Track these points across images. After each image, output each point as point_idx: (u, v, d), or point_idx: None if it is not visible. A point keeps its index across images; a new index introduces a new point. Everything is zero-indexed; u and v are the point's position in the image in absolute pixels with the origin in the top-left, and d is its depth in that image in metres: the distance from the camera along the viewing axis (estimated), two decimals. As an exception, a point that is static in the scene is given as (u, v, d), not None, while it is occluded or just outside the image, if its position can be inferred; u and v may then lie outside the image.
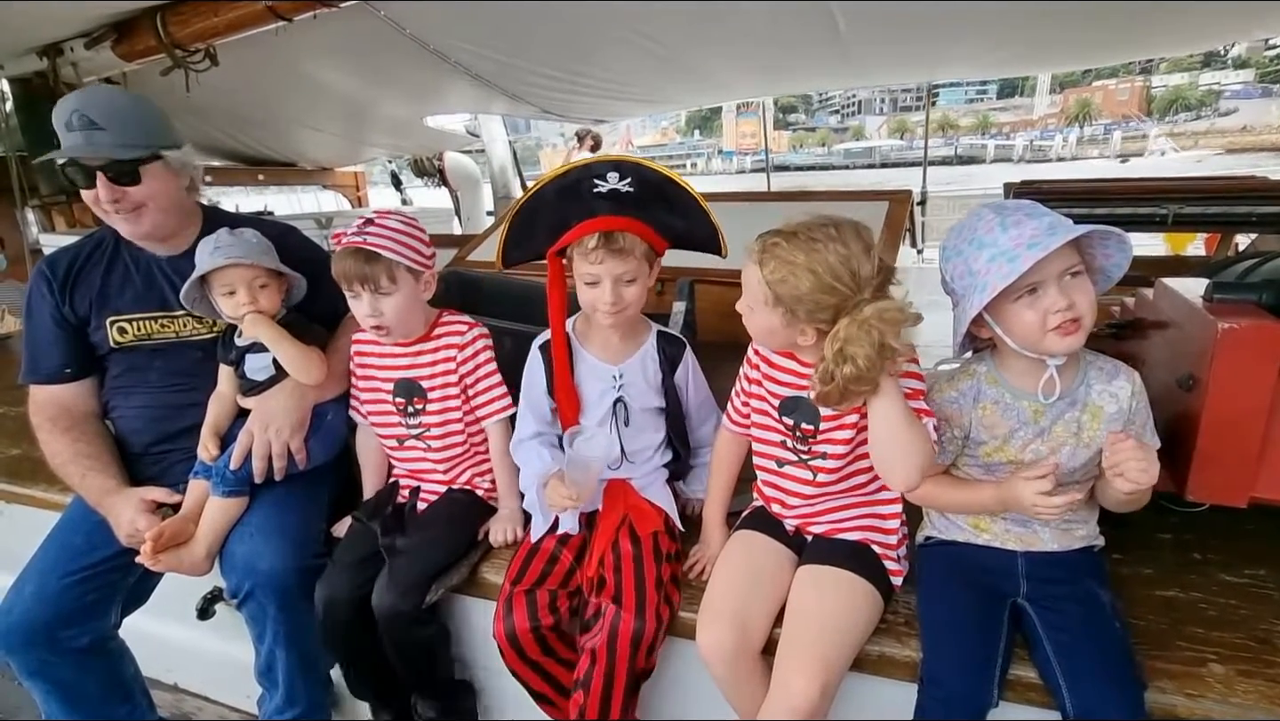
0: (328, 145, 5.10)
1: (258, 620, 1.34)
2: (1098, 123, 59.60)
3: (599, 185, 1.17)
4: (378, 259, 1.23)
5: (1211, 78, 62.32)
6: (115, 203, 1.38)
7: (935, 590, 1.12)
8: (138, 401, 1.48)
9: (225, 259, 1.35)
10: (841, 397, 0.97)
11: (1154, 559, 1.24)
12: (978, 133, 65.93)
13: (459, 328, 1.38)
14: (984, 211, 1.01)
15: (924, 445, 1.01)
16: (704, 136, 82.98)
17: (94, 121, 1.34)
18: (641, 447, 1.33)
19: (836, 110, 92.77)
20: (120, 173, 1.37)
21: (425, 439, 1.37)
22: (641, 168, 1.20)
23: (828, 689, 0.99)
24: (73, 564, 1.37)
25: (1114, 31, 3.00)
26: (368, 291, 1.26)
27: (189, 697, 1.84)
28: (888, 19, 2.85)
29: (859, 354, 0.93)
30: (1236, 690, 0.95)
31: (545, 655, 1.19)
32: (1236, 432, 1.08)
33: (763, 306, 1.05)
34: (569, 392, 1.27)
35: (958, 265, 1.03)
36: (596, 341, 1.31)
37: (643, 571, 1.17)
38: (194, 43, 2.64)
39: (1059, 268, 0.95)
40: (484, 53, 3.37)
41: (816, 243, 0.98)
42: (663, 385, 1.30)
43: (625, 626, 1.10)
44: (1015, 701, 1.00)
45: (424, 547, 1.28)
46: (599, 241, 1.15)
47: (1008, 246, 0.95)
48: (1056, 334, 0.96)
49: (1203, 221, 2.67)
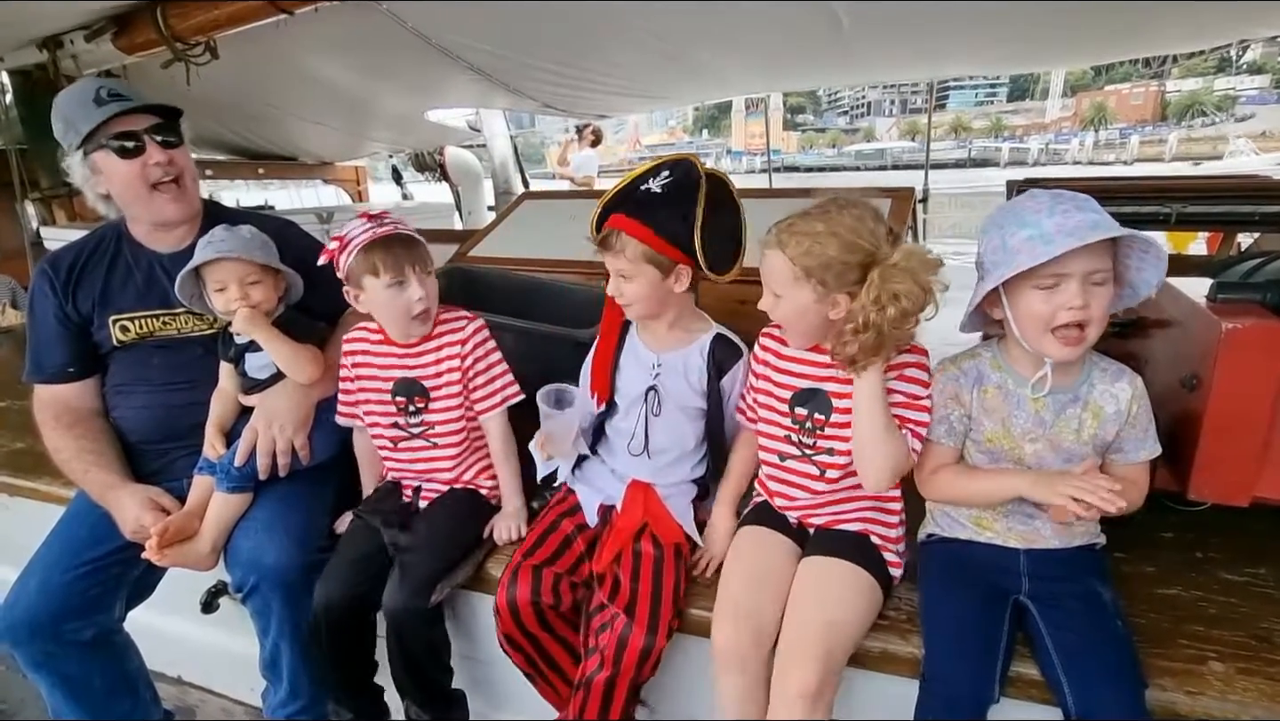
0: (328, 139, 5.08)
1: (262, 614, 1.35)
2: (1113, 127, 59.00)
3: (645, 184, 1.20)
4: (417, 242, 1.26)
5: (1226, 83, 61.63)
6: (168, 165, 1.40)
7: (937, 587, 1.12)
8: (139, 398, 1.48)
9: (215, 253, 1.35)
10: (877, 346, 1.00)
11: (1155, 557, 1.24)
12: (990, 135, 65.35)
13: (459, 323, 1.37)
14: (1039, 194, 1.02)
15: (899, 449, 1.06)
16: (712, 136, 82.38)
17: (123, 95, 1.39)
18: (669, 445, 1.31)
19: (845, 111, 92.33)
20: (167, 132, 1.42)
21: (429, 436, 1.37)
22: (690, 166, 1.21)
23: (830, 676, 1.00)
24: (77, 557, 1.37)
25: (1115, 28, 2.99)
26: (416, 274, 1.26)
27: (193, 690, 1.85)
28: (890, 15, 2.84)
29: (902, 290, 0.97)
30: (1236, 688, 0.96)
31: (542, 629, 1.19)
32: (1239, 432, 1.09)
33: (792, 287, 1.07)
34: (602, 367, 1.33)
35: (995, 238, 1.02)
36: (648, 330, 1.33)
37: (661, 581, 1.17)
38: (194, 36, 2.62)
39: (1088, 268, 0.95)
40: (486, 47, 3.35)
41: (829, 212, 1.05)
42: (706, 387, 1.29)
43: (635, 641, 1.11)
44: (1016, 698, 1.01)
45: (433, 545, 1.28)
46: (600, 237, 1.22)
47: (1049, 230, 0.95)
48: (1056, 338, 0.97)
49: (1206, 221, 2.66)
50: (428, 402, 1.36)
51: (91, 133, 1.37)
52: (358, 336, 1.40)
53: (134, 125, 1.39)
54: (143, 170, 1.39)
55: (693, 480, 1.35)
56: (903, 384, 1.10)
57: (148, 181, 1.40)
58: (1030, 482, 1.03)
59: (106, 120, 1.36)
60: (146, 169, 1.39)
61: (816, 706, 0.99)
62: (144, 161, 1.39)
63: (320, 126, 4.67)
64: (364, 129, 5.04)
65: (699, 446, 1.34)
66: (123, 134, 1.38)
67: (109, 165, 1.39)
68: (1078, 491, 0.95)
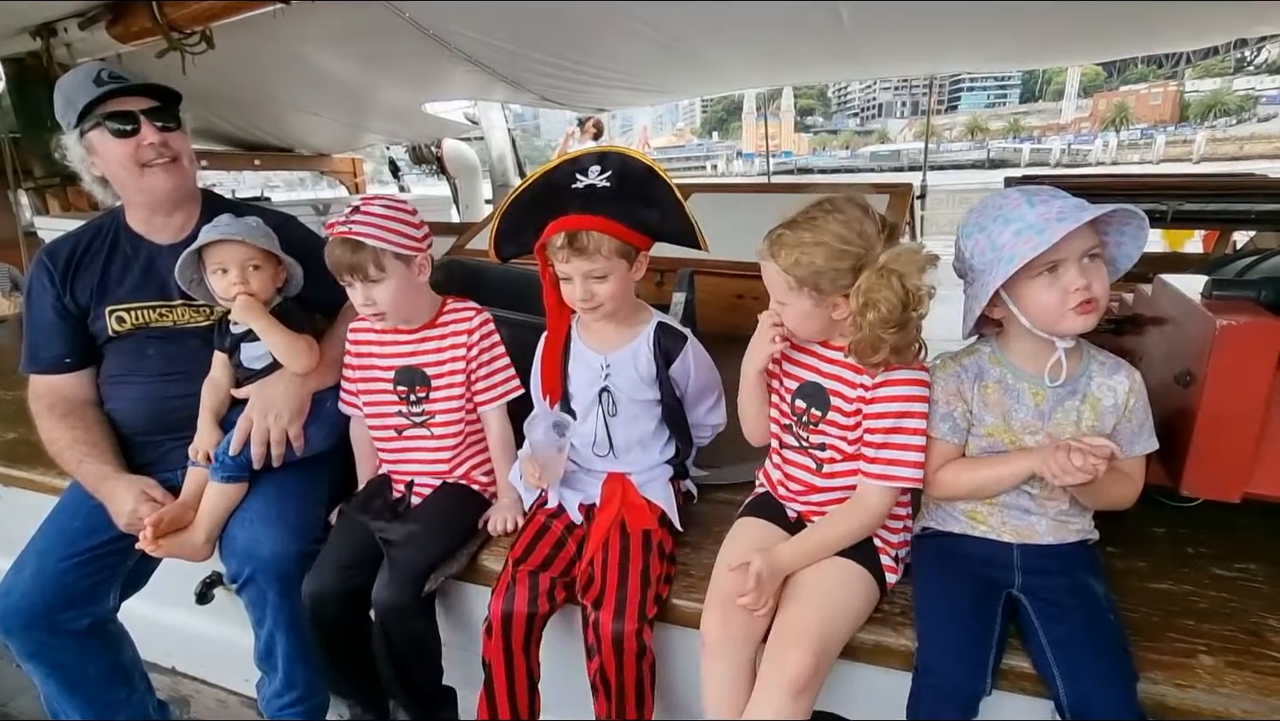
0: (325, 131, 5.06)
1: (257, 605, 1.35)
2: (1134, 127, 58.37)
3: (578, 180, 1.17)
4: (363, 247, 1.23)
5: (1245, 83, 61.16)
6: (162, 146, 1.40)
7: (930, 580, 1.13)
8: (134, 390, 1.48)
9: (219, 234, 1.35)
10: (873, 348, 1.02)
11: (1147, 552, 1.25)
12: (1007, 136, 64.80)
13: (466, 314, 1.37)
14: (1009, 191, 1.02)
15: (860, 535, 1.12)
16: (721, 138, 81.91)
17: (124, 78, 1.39)
18: (633, 440, 1.32)
19: (856, 113, 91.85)
20: (164, 116, 1.41)
21: (429, 425, 1.37)
22: (626, 158, 1.19)
23: (820, 667, 1.00)
24: (72, 547, 1.37)
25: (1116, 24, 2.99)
26: (359, 281, 1.25)
27: (187, 681, 1.85)
28: (890, 9, 2.84)
29: (880, 299, 0.99)
30: (1225, 681, 0.97)
31: (524, 650, 1.18)
32: (1232, 429, 1.09)
33: (790, 295, 1.07)
34: (550, 375, 1.32)
35: (979, 241, 1.03)
36: (592, 331, 1.32)
37: (627, 569, 1.17)
38: (190, 25, 2.61)
39: (1081, 247, 0.96)
40: (484, 39, 3.34)
41: (816, 220, 1.04)
42: (656, 377, 1.29)
43: (605, 630, 1.11)
44: (1008, 690, 1.02)
45: (423, 538, 1.27)
46: (564, 241, 1.17)
47: (1035, 220, 0.96)
48: (1075, 312, 0.97)
49: (1202, 218, 2.67)
50: (429, 391, 1.36)
51: (88, 111, 1.36)
52: (362, 326, 1.40)
53: (130, 106, 1.39)
54: (136, 150, 1.39)
55: (666, 461, 1.35)
56: (894, 405, 1.08)
57: (139, 161, 1.39)
58: (1041, 459, 1.01)
59: (104, 99, 1.36)
60: (140, 149, 1.39)
61: (801, 698, 0.99)
62: (138, 142, 1.39)
63: (317, 117, 4.65)
64: (361, 120, 5.02)
65: (661, 430, 1.34)
66: (119, 113, 1.38)
67: (104, 145, 1.39)
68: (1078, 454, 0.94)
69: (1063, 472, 0.96)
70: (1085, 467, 0.94)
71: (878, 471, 1.08)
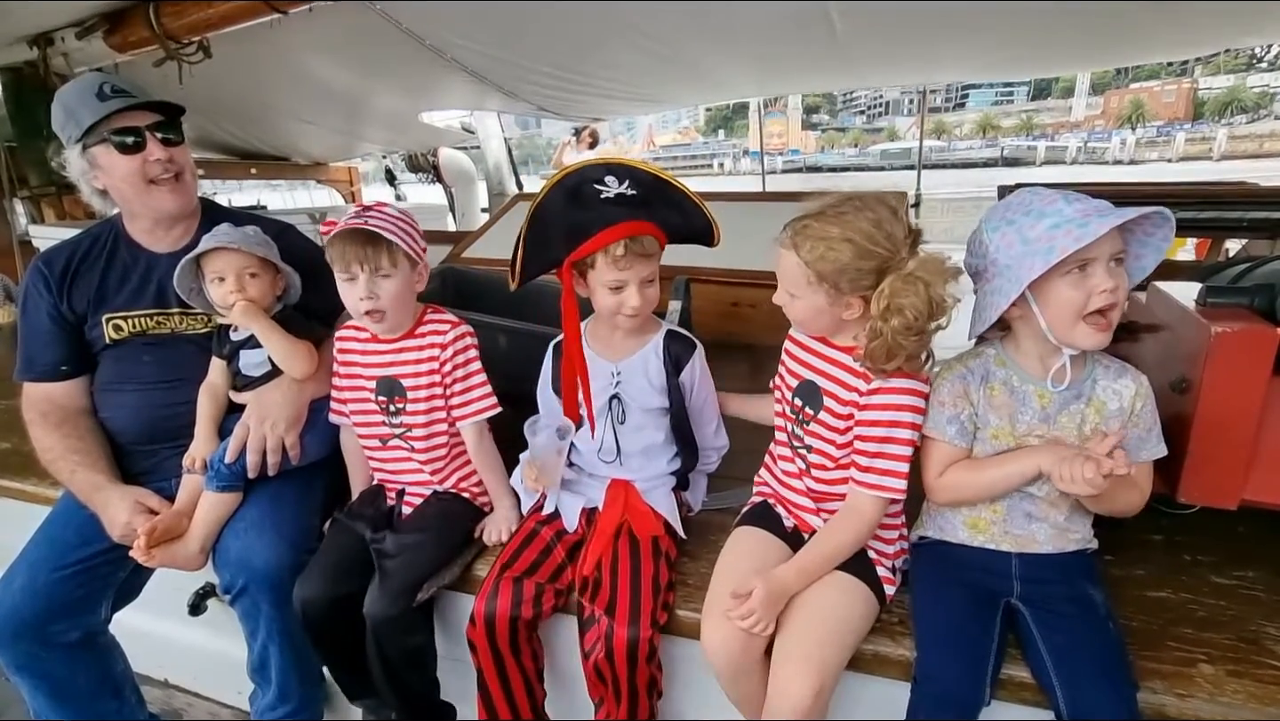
0: (322, 140, 5.07)
1: (251, 616, 1.33)
2: (1150, 125, 57.44)
3: (603, 190, 1.17)
4: (379, 240, 1.23)
5: (1259, 79, 60.31)
6: (168, 162, 1.41)
7: (929, 589, 1.12)
8: (129, 398, 1.47)
9: (216, 242, 1.35)
10: (888, 355, 1.00)
11: (1146, 560, 1.25)
12: (1019, 134, 63.85)
13: (442, 326, 1.34)
14: (1039, 189, 1.01)
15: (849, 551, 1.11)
16: (727, 136, 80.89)
17: (126, 91, 1.39)
18: (641, 448, 1.31)
19: (862, 111, 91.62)
20: (168, 130, 1.42)
21: (407, 439, 1.35)
22: (636, 170, 1.21)
23: (823, 692, 0.99)
24: (63, 558, 1.35)
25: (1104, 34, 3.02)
26: (365, 273, 1.24)
27: (179, 693, 1.83)
28: (883, 20, 2.86)
29: (906, 304, 0.97)
30: (1225, 690, 0.96)
31: (511, 651, 1.18)
32: (1228, 435, 1.09)
33: (805, 289, 1.06)
34: (570, 390, 1.28)
35: (1007, 235, 1.00)
36: (601, 339, 1.32)
37: (639, 575, 1.16)
38: (187, 34, 2.62)
39: (1110, 250, 0.95)
40: (480, 49, 3.35)
41: (846, 215, 1.02)
42: (666, 384, 1.29)
43: (619, 638, 1.10)
44: (1008, 700, 1.01)
45: (416, 549, 1.26)
46: (626, 247, 1.14)
47: (1074, 215, 0.94)
48: (1089, 325, 0.97)
49: (1195, 226, 2.69)
50: (405, 403, 1.34)
51: (92, 127, 1.36)
52: (347, 335, 1.39)
53: (136, 121, 1.39)
54: (142, 166, 1.39)
55: (670, 472, 1.35)
56: (888, 413, 1.07)
57: (146, 177, 1.40)
58: (1052, 459, 0.99)
59: (108, 115, 1.36)
60: (146, 165, 1.39)
61: (810, 715, 0.98)
62: (144, 157, 1.39)
63: (313, 126, 4.66)
64: (357, 129, 5.03)
65: (669, 442, 1.34)
66: (124, 129, 1.38)
67: (109, 160, 1.39)
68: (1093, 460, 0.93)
69: (1073, 481, 0.95)
70: (1094, 481, 0.93)
71: (871, 481, 1.08)
